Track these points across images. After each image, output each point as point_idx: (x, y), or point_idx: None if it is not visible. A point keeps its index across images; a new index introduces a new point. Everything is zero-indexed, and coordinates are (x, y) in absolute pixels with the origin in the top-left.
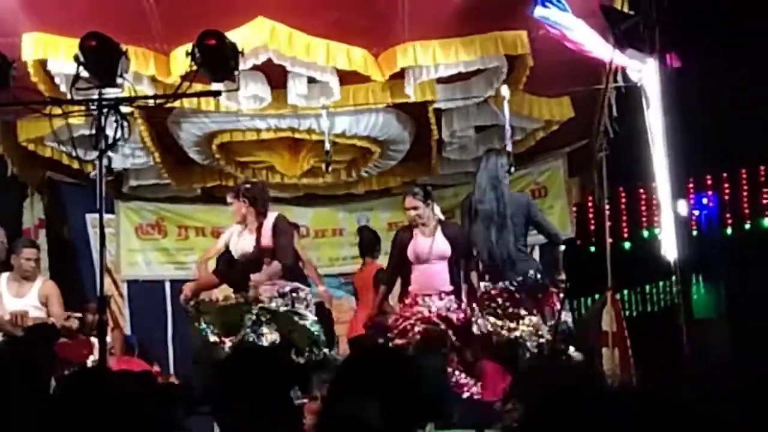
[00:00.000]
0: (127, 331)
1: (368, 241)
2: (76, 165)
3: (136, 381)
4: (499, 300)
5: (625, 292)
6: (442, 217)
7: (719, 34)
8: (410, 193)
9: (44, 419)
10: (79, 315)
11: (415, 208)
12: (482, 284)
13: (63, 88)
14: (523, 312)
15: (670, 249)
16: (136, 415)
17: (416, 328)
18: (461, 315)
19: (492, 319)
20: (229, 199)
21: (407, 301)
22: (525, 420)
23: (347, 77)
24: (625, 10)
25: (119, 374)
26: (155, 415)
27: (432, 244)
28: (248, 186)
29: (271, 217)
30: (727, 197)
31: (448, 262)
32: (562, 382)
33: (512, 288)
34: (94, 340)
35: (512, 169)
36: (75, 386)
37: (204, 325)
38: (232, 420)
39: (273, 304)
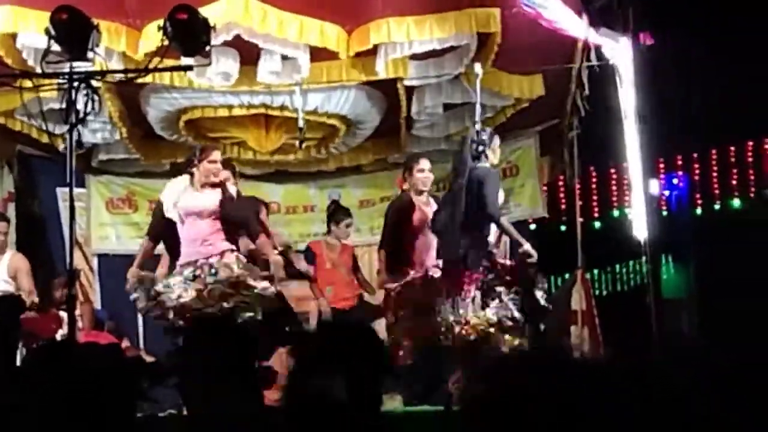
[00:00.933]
0: (97, 305)
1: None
2: (46, 138)
3: (102, 353)
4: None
5: (596, 271)
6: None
7: (692, 14)
8: (424, 155)
9: (9, 390)
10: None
11: (430, 170)
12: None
13: (31, 62)
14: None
15: (640, 229)
16: (102, 387)
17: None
18: None
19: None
20: (219, 157)
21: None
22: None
23: (320, 54)
24: None
25: (85, 346)
26: (120, 386)
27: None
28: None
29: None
30: (697, 177)
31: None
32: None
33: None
34: (63, 314)
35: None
36: (41, 359)
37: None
38: (195, 391)
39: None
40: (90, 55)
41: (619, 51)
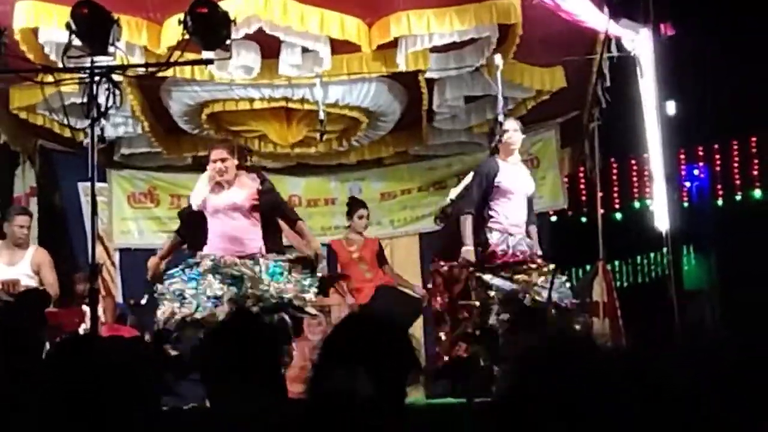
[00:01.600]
0: (119, 299)
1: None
2: (68, 133)
3: (125, 347)
4: None
5: (617, 263)
6: None
7: (713, 4)
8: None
9: (34, 384)
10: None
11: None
12: None
13: (53, 57)
14: None
15: (661, 220)
16: (125, 380)
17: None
18: None
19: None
20: (225, 154)
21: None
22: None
23: (340, 46)
24: None
25: (109, 340)
26: (144, 380)
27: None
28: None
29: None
30: (718, 168)
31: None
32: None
33: None
34: (86, 308)
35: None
36: (65, 352)
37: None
38: (220, 386)
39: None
40: (111, 49)
41: (640, 42)
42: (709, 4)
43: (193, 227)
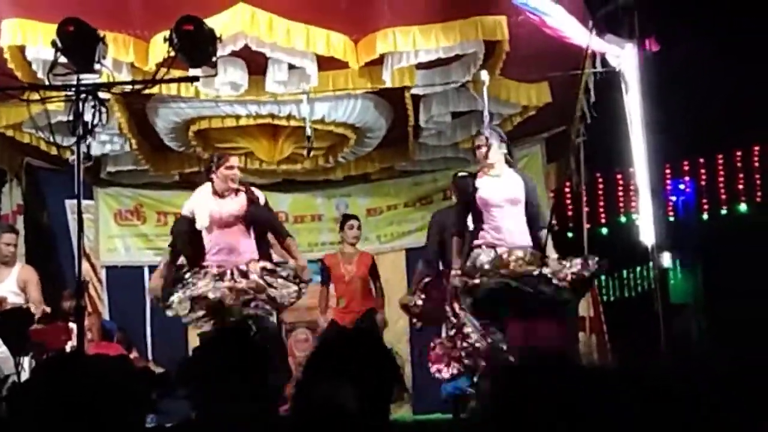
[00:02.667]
0: (106, 316)
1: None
2: (54, 151)
3: (110, 365)
4: None
5: (603, 277)
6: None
7: (697, 19)
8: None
9: (19, 402)
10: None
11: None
12: None
13: (40, 75)
14: None
15: (647, 234)
16: (111, 398)
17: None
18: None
19: None
20: (236, 162)
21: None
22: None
23: (326, 63)
24: None
25: (94, 358)
26: (130, 397)
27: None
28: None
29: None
30: (703, 183)
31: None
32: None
33: None
34: (73, 325)
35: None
36: (51, 370)
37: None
38: (207, 402)
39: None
40: (97, 66)
41: (625, 57)
42: (694, 20)
43: (188, 241)
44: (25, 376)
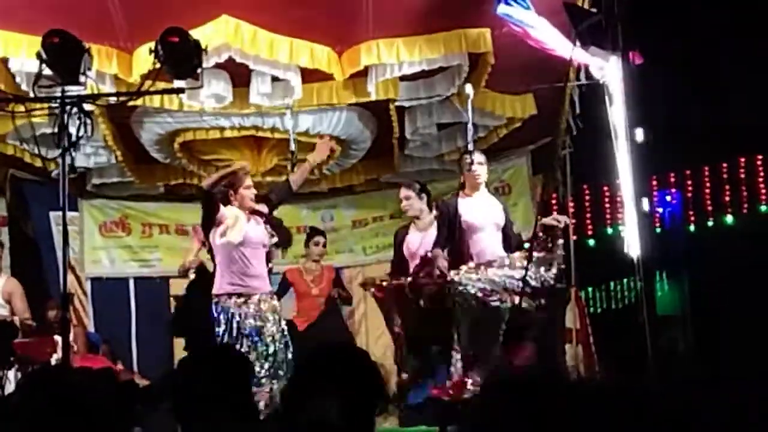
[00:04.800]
0: (91, 329)
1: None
2: (39, 163)
3: (95, 378)
4: None
5: (590, 289)
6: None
7: (681, 31)
8: (404, 184)
9: (4, 416)
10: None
11: (407, 198)
12: None
13: (24, 87)
14: None
15: (633, 246)
16: (96, 411)
17: None
18: None
19: None
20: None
21: None
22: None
23: (311, 75)
24: (588, 7)
25: (79, 370)
26: (115, 410)
27: (423, 239)
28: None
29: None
30: (690, 194)
31: None
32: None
33: None
34: (58, 338)
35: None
36: (36, 383)
37: None
38: (192, 416)
39: None
40: (82, 78)
41: (609, 69)
42: (679, 31)
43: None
44: (10, 389)
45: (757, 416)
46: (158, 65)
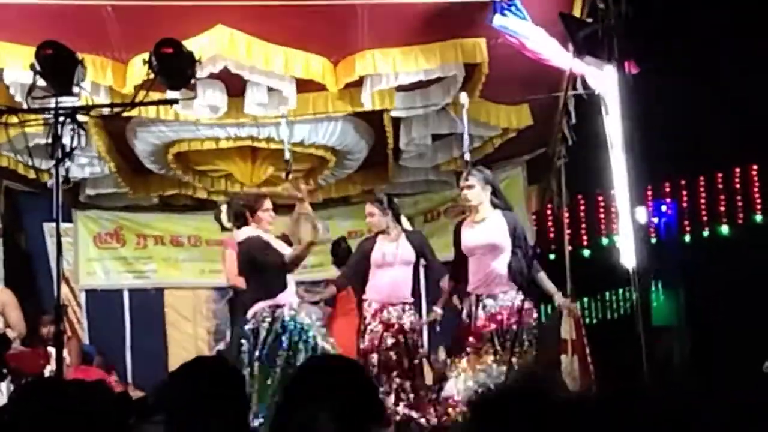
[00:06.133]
0: (85, 340)
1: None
2: (32, 174)
3: (89, 390)
4: None
5: (585, 299)
6: (409, 228)
7: (678, 42)
8: (369, 200)
9: None
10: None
11: (371, 215)
12: None
13: (18, 98)
14: None
15: (628, 256)
16: (89, 423)
17: (388, 340)
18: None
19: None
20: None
21: (370, 310)
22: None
23: (306, 85)
24: (584, 18)
25: (73, 382)
26: (109, 423)
27: (396, 249)
28: None
29: None
30: (685, 204)
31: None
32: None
33: None
34: (52, 350)
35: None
36: (29, 395)
37: None
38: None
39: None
40: (76, 89)
41: (604, 79)
42: (676, 42)
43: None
44: (2, 401)
45: (751, 425)
46: (152, 76)
